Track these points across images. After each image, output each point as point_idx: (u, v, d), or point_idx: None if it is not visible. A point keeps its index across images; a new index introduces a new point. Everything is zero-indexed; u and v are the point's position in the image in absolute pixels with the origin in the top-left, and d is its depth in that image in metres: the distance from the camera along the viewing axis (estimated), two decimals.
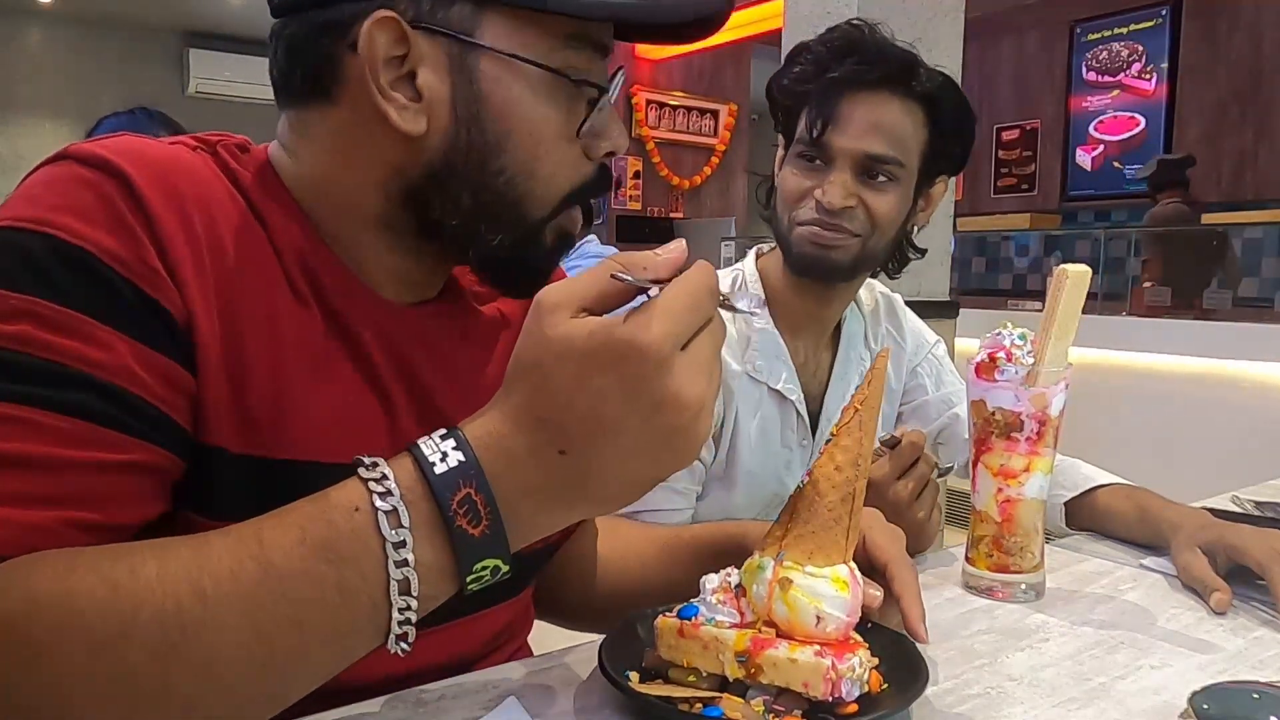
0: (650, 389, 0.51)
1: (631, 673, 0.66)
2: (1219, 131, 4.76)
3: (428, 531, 0.51)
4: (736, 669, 0.62)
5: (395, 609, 0.51)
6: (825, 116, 1.12)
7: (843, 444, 0.64)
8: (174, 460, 0.59)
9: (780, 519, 0.66)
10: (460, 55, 0.63)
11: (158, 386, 0.57)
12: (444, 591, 0.53)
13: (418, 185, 0.66)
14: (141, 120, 1.68)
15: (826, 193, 1.12)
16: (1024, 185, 5.64)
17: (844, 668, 0.61)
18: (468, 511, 0.51)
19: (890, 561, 0.75)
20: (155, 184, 0.59)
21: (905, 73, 1.13)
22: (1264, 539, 0.92)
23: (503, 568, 0.53)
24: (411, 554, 0.51)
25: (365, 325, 0.69)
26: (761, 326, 1.22)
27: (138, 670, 0.48)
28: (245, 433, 0.62)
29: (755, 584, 0.64)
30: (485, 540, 0.52)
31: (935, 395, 1.34)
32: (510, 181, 0.66)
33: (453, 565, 0.52)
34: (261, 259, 0.65)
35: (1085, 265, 0.87)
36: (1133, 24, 5.13)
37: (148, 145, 0.63)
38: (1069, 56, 5.39)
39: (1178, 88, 4.93)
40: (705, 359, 0.53)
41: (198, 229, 0.60)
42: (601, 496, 0.54)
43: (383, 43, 0.62)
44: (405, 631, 0.53)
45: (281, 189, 0.68)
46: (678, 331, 0.51)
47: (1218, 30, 4.78)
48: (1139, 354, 3.73)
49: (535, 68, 0.64)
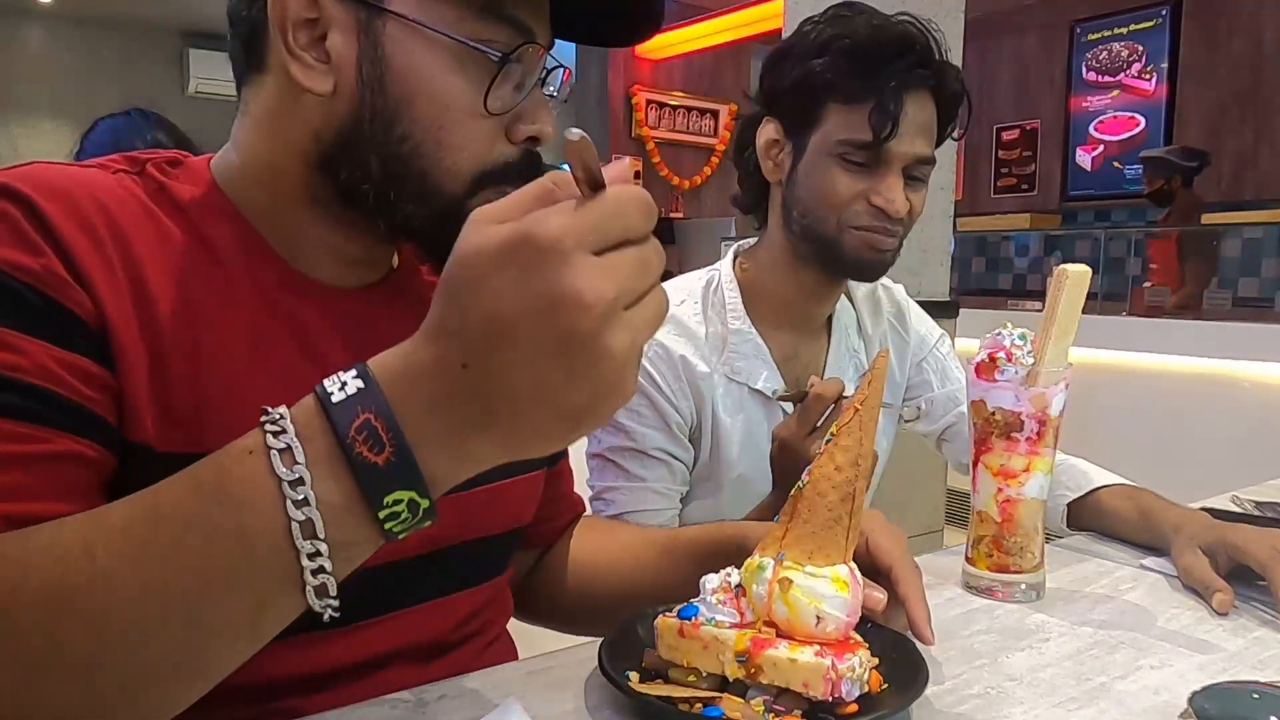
0: (543, 281, 0.46)
1: (631, 673, 0.66)
2: (1219, 131, 4.76)
3: (327, 466, 0.48)
4: (736, 669, 0.62)
5: (303, 555, 0.48)
6: (892, 121, 1.08)
7: (843, 444, 0.64)
8: (102, 453, 0.59)
9: (780, 519, 0.66)
10: (368, 19, 0.65)
11: (77, 382, 0.58)
12: (359, 535, 0.50)
13: (331, 149, 0.68)
14: (136, 121, 1.67)
15: (891, 200, 1.11)
16: (1024, 185, 5.64)
17: (844, 668, 0.61)
18: (368, 438, 0.48)
19: (894, 564, 0.75)
20: (55, 200, 0.62)
21: (948, 78, 1.13)
22: (1265, 539, 0.92)
23: (421, 502, 0.49)
24: (311, 491, 0.48)
25: (305, 314, 0.71)
26: (737, 327, 1.20)
27: (28, 632, 0.47)
28: (170, 429, 0.62)
29: (755, 584, 0.64)
30: (391, 468, 0.48)
31: (940, 393, 1.33)
32: (416, 149, 0.67)
33: (360, 500, 0.48)
34: (184, 262, 0.66)
35: (1085, 265, 0.87)
36: (1133, 24, 5.13)
37: (49, 169, 0.66)
38: (1069, 56, 5.39)
39: (1178, 88, 4.93)
40: (620, 268, 0.48)
41: (103, 235, 0.62)
42: (513, 415, 0.49)
43: (293, 6, 0.65)
44: (323, 583, 0.49)
45: (216, 191, 0.71)
46: (582, 228, 0.47)
47: (1218, 30, 4.78)
48: (1139, 354, 3.73)
49: (440, 35, 0.65)
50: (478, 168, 0.68)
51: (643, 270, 0.49)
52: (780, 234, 1.21)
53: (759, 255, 1.25)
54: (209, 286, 0.67)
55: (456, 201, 0.68)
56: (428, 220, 0.69)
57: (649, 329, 0.50)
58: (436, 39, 0.65)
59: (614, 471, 1.16)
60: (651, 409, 1.15)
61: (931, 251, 2.97)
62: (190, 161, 0.73)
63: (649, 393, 1.15)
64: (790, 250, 1.20)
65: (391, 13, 0.65)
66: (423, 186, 0.68)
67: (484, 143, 0.68)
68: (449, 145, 0.67)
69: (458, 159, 0.67)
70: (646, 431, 1.15)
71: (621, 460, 1.16)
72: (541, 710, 0.66)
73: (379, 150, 0.67)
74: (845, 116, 1.11)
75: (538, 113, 0.70)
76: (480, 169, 0.68)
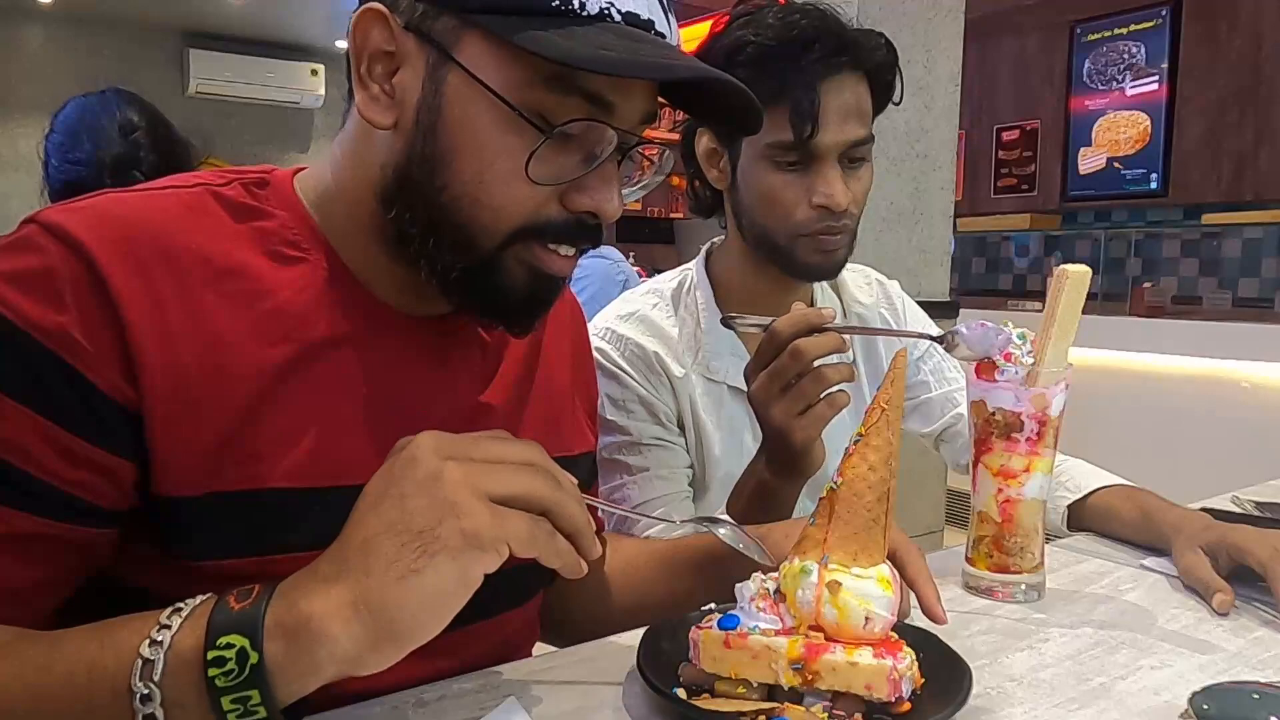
0: (396, 454, 0.57)
1: (677, 690, 0.64)
2: (1219, 131, 4.76)
3: (198, 614, 0.53)
4: (792, 677, 0.62)
5: (137, 697, 0.50)
6: (811, 118, 1.05)
7: (874, 444, 0.64)
8: (68, 528, 0.60)
9: (816, 522, 0.66)
10: (436, 64, 0.64)
11: (57, 461, 0.58)
12: (185, 681, 0.51)
13: (390, 186, 0.68)
14: (109, 99, 1.62)
15: (831, 195, 1.07)
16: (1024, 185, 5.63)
17: (903, 667, 0.61)
18: (242, 593, 0.54)
19: (897, 548, 0.76)
20: (115, 252, 0.61)
21: (867, 51, 1.09)
22: (1265, 539, 0.92)
23: (250, 655, 0.50)
24: (172, 636, 0.52)
25: (383, 342, 0.71)
26: (711, 326, 1.19)
27: None
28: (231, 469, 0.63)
29: (800, 589, 0.63)
30: (242, 614, 0.52)
31: (938, 393, 1.33)
32: (455, 202, 0.66)
33: (200, 640, 0.51)
34: (257, 288, 0.67)
35: (1085, 265, 0.87)
36: (1133, 24, 5.12)
37: (114, 206, 0.64)
38: (1069, 56, 5.38)
39: (1178, 88, 4.92)
40: (462, 445, 0.57)
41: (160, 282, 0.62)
42: (362, 553, 0.54)
43: (375, 36, 0.65)
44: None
45: (304, 214, 0.72)
46: (444, 448, 0.56)
47: (1218, 30, 4.77)
48: (1139, 354, 3.72)
49: (496, 97, 0.63)
50: (517, 225, 0.67)
51: (497, 449, 0.58)
52: (737, 237, 1.20)
53: (726, 252, 1.24)
54: (281, 318, 0.67)
55: (490, 254, 0.67)
56: (463, 272, 0.68)
57: (491, 480, 0.56)
58: (493, 98, 0.63)
59: (618, 470, 1.16)
60: (639, 403, 1.16)
61: (931, 252, 2.97)
62: (275, 180, 0.73)
63: (633, 388, 1.15)
64: (750, 251, 1.18)
65: (458, 63, 0.64)
66: (459, 238, 0.67)
67: (527, 206, 0.66)
68: (487, 204, 0.65)
69: (496, 218, 0.66)
70: (639, 425, 1.15)
71: (621, 456, 1.16)
72: (541, 710, 0.66)
73: (423, 196, 0.66)
74: (767, 119, 1.08)
75: (600, 188, 0.67)
76: (520, 226, 0.67)
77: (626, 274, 2.62)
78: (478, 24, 0.63)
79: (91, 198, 0.64)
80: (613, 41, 0.62)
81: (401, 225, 0.68)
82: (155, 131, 1.61)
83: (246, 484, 0.63)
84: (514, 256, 0.68)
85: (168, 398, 0.61)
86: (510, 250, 0.67)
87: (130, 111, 1.60)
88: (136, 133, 1.58)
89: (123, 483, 0.61)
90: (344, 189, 0.71)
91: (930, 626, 0.74)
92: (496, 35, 0.62)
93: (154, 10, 5.47)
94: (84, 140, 1.55)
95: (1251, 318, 4.08)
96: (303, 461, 0.65)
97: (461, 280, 0.68)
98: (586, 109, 0.64)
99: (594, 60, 0.60)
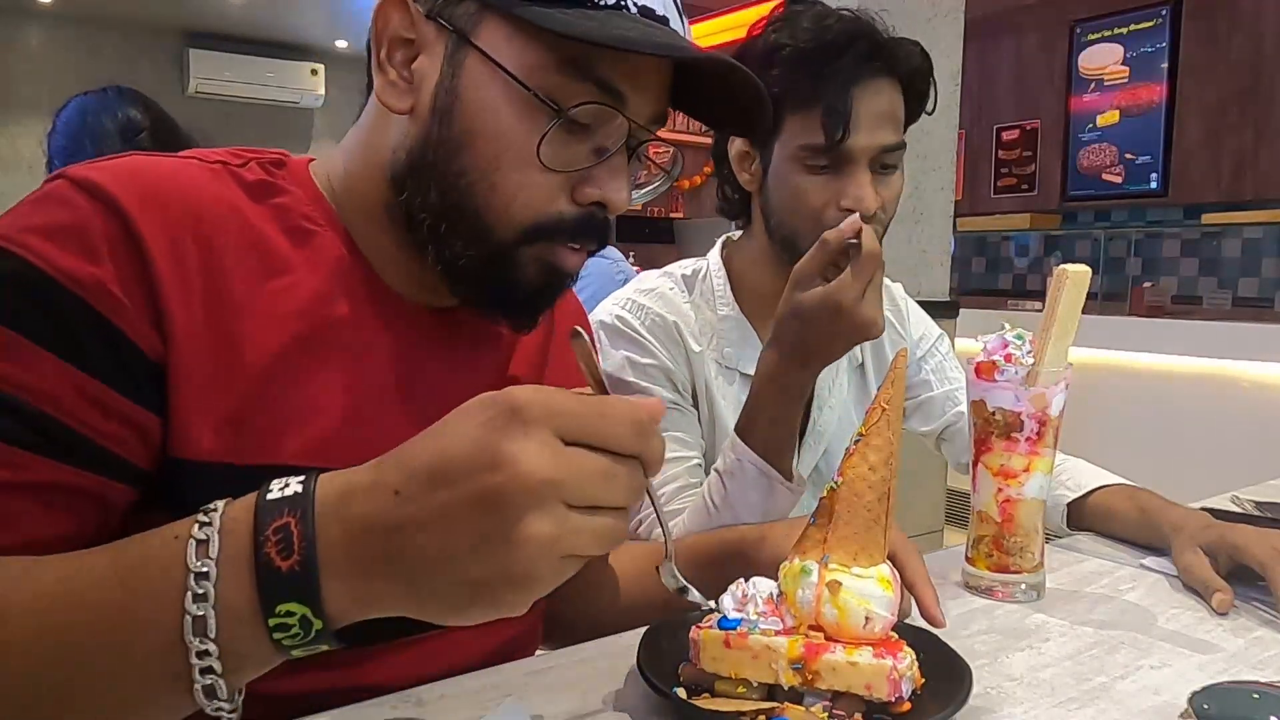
0: (496, 435, 0.46)
1: (677, 689, 0.65)
2: (1219, 131, 4.75)
3: (236, 566, 0.47)
4: (792, 676, 0.62)
5: (193, 653, 0.47)
6: (844, 121, 1.06)
7: (874, 444, 0.65)
8: (104, 483, 0.59)
9: (816, 521, 0.66)
10: (454, 49, 0.66)
11: (90, 412, 0.57)
12: (250, 639, 0.48)
13: (402, 169, 0.68)
14: (110, 97, 1.60)
15: (860, 199, 1.08)
16: (1024, 185, 5.63)
17: (903, 667, 0.61)
18: (280, 541, 0.47)
19: (896, 550, 0.76)
20: (147, 206, 0.60)
21: (902, 57, 1.11)
22: (1265, 539, 0.92)
23: (314, 621, 0.47)
24: (214, 588, 0.47)
25: (393, 328, 0.71)
26: (726, 314, 1.21)
27: None
28: (239, 440, 0.62)
29: (800, 588, 0.64)
30: (292, 577, 0.47)
31: (940, 392, 1.33)
32: (471, 187, 0.66)
33: (255, 603, 0.47)
34: (273, 266, 0.66)
35: (1085, 265, 0.87)
36: (1133, 24, 5.12)
37: (145, 166, 0.64)
38: (1069, 56, 5.38)
39: (1178, 88, 4.92)
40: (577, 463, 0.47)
41: (188, 244, 0.62)
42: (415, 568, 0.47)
43: (395, 21, 0.67)
44: (212, 684, 0.47)
45: (319, 196, 0.72)
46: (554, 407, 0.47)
47: (1218, 30, 4.77)
48: (1139, 354, 3.72)
49: (512, 79, 0.64)
50: (531, 219, 0.67)
51: (605, 481, 0.47)
52: (764, 236, 1.21)
53: (746, 248, 1.25)
54: (297, 293, 0.67)
55: (504, 248, 0.68)
56: (473, 261, 0.68)
57: (584, 541, 0.47)
58: (509, 81, 0.64)
59: None
60: (657, 368, 1.17)
61: (931, 251, 2.96)
62: (291, 163, 0.74)
63: (653, 352, 1.16)
64: (775, 251, 1.19)
65: (476, 47, 0.65)
66: (474, 226, 0.67)
67: (539, 194, 0.66)
68: (501, 189, 0.66)
69: (510, 205, 0.66)
70: (656, 389, 1.16)
71: None
72: (541, 710, 0.66)
73: (439, 181, 0.67)
74: (800, 122, 1.09)
75: (609, 179, 0.68)
76: (534, 221, 0.67)
77: (626, 274, 2.62)
78: (496, 8, 0.64)
79: (118, 157, 0.64)
80: (629, 26, 0.64)
81: (412, 208, 0.68)
82: (158, 132, 1.60)
83: (260, 458, 0.63)
84: (532, 254, 0.68)
85: (189, 357, 0.61)
86: (530, 249, 0.68)
87: (133, 110, 1.59)
88: (141, 134, 1.57)
89: (150, 438, 0.60)
90: (356, 173, 0.72)
91: (930, 627, 0.74)
92: (515, 18, 0.64)
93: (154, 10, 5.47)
94: (86, 144, 1.55)
95: (1251, 318, 4.08)
96: (314, 441, 0.65)
97: (469, 269, 0.68)
98: (599, 97, 0.65)
99: (611, 39, 0.62)
